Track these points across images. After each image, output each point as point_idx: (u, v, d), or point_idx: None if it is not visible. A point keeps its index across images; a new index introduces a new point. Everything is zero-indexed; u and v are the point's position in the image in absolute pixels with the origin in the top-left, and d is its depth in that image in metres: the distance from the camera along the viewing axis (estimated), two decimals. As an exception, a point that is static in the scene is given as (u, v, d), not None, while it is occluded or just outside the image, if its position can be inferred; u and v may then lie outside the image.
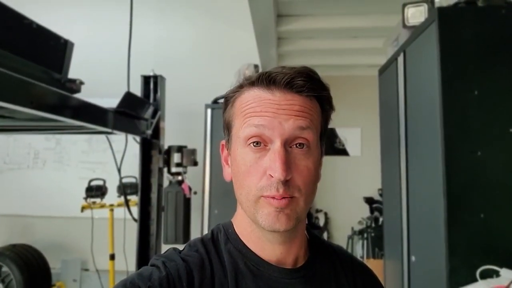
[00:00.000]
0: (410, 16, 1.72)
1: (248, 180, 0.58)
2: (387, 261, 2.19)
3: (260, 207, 0.57)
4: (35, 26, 1.39)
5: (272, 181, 0.55)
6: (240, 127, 0.59)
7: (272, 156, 0.56)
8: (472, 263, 1.27)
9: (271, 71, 0.59)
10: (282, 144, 0.56)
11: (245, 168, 0.58)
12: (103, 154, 3.69)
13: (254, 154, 0.57)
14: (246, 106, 0.59)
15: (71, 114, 1.54)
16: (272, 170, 0.55)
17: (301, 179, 0.57)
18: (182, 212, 2.87)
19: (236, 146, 0.60)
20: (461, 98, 1.36)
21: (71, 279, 3.74)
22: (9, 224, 3.90)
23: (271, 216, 0.56)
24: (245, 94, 0.61)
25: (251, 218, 0.60)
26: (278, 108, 0.57)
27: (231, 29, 3.68)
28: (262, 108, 0.57)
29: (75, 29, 2.61)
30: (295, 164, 0.57)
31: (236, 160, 0.60)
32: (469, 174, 1.34)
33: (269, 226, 0.57)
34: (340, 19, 3.15)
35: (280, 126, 0.56)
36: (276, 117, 0.56)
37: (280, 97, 0.58)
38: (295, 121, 0.57)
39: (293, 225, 0.57)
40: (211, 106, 2.99)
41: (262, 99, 0.58)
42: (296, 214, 0.57)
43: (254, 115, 0.58)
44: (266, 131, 0.56)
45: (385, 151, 2.22)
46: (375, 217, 4.13)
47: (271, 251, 0.62)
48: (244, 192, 0.59)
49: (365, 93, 4.06)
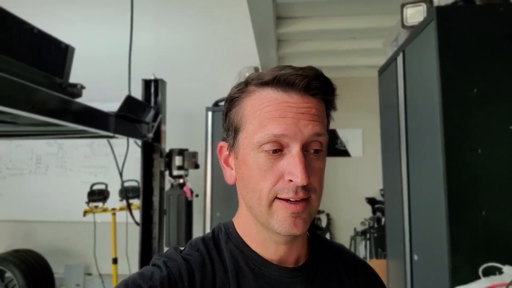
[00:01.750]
0: (409, 16, 1.73)
1: (261, 184, 0.56)
2: (389, 261, 2.18)
3: (274, 211, 0.57)
4: (36, 32, 1.40)
5: (290, 185, 0.55)
6: (255, 132, 0.57)
7: (292, 161, 0.55)
8: (475, 260, 1.27)
9: (283, 72, 0.57)
10: (301, 149, 0.56)
11: (259, 172, 0.57)
12: (105, 158, 3.70)
13: (269, 159, 0.56)
14: (261, 109, 0.57)
15: (73, 119, 1.55)
16: (292, 175, 0.54)
17: (316, 181, 0.57)
18: (184, 215, 2.87)
19: (247, 150, 0.58)
20: (461, 96, 1.36)
21: (74, 284, 3.74)
22: (12, 229, 3.91)
23: (288, 222, 0.56)
24: (257, 95, 0.58)
25: (263, 222, 0.59)
26: (297, 112, 0.55)
27: (231, 32, 3.69)
28: (281, 113, 0.55)
29: (76, 34, 2.62)
30: (311, 167, 0.57)
31: (248, 164, 0.58)
32: (470, 172, 1.34)
33: (286, 231, 0.56)
34: (339, 21, 3.16)
35: (300, 132, 0.55)
36: (296, 123, 0.55)
37: (298, 100, 0.56)
38: (313, 127, 0.56)
39: (307, 227, 0.58)
40: (211, 109, 3.00)
41: (280, 102, 0.56)
42: (310, 217, 0.58)
43: (273, 121, 0.55)
44: (286, 138, 0.55)
45: (386, 151, 2.22)
46: (377, 218, 4.12)
47: (274, 251, 0.62)
48: (256, 196, 0.57)
49: (365, 94, 4.06)
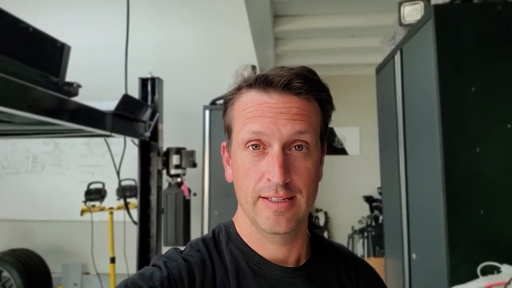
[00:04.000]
0: (407, 14, 1.73)
1: (246, 182, 0.58)
2: (388, 260, 2.19)
3: (258, 210, 0.57)
4: (31, 30, 1.39)
5: (270, 184, 0.55)
6: (239, 131, 0.59)
7: (270, 160, 0.55)
8: (473, 259, 1.27)
9: (268, 73, 0.58)
10: (280, 148, 0.56)
11: (244, 171, 0.58)
12: (102, 157, 3.69)
13: (253, 157, 0.57)
14: (244, 110, 0.59)
15: (69, 118, 1.53)
16: (270, 174, 0.55)
17: (301, 180, 0.57)
18: (182, 214, 2.86)
19: (235, 149, 0.60)
20: (459, 95, 1.36)
21: (72, 283, 3.73)
22: (9, 229, 3.89)
23: (271, 220, 0.56)
24: (244, 96, 0.60)
25: (250, 220, 0.60)
26: (276, 112, 0.56)
27: (228, 31, 3.68)
28: (261, 113, 0.57)
29: (72, 32, 2.61)
30: (294, 166, 0.56)
31: (236, 162, 0.60)
32: (468, 171, 1.34)
33: (269, 229, 0.57)
34: (337, 19, 3.16)
35: (278, 131, 0.56)
36: (274, 122, 0.56)
37: (278, 100, 0.57)
38: (293, 125, 0.56)
39: (294, 227, 0.57)
40: (209, 108, 2.99)
41: (260, 103, 0.57)
42: (296, 216, 0.57)
43: (252, 120, 0.57)
44: (265, 136, 0.56)
45: (383, 150, 2.22)
46: (375, 216, 4.14)
47: (273, 251, 0.62)
48: (243, 194, 0.59)
49: (363, 92, 4.07)
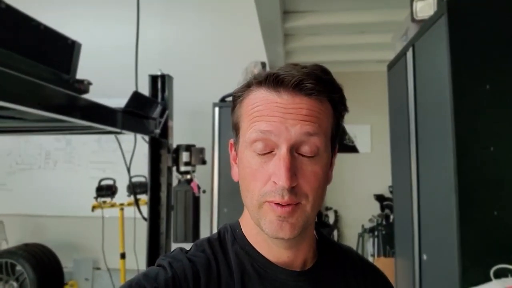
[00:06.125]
0: (419, 10, 1.69)
1: (252, 184, 0.56)
2: (398, 260, 2.16)
3: (263, 213, 0.56)
4: (42, 28, 1.40)
5: (276, 187, 0.54)
6: (246, 130, 0.57)
7: (277, 163, 0.54)
8: (486, 262, 1.24)
9: (279, 71, 0.56)
10: (288, 150, 0.54)
11: (250, 172, 0.57)
12: (113, 154, 3.72)
13: (260, 158, 0.56)
14: (253, 108, 0.57)
15: (80, 115, 1.55)
16: (276, 177, 0.54)
17: (308, 185, 0.55)
18: (191, 211, 2.88)
19: (242, 148, 0.59)
20: (472, 93, 1.33)
21: (83, 278, 3.79)
22: (21, 223, 3.96)
23: (274, 225, 0.55)
24: (253, 94, 0.58)
25: (255, 222, 0.59)
26: (285, 112, 0.54)
27: (237, 27, 3.67)
28: (269, 112, 0.55)
29: (82, 29, 2.62)
30: (301, 170, 0.55)
31: (243, 162, 0.59)
32: (481, 171, 1.31)
33: (272, 234, 0.55)
34: (347, 15, 3.12)
35: (286, 131, 0.54)
36: (283, 122, 0.54)
37: (288, 100, 0.55)
38: (302, 126, 0.54)
39: (298, 233, 0.56)
40: (218, 105, 2.99)
41: (269, 102, 0.56)
42: (301, 222, 0.56)
43: (261, 119, 0.55)
44: (272, 136, 0.54)
45: (395, 148, 2.19)
46: (385, 215, 4.09)
47: (278, 254, 0.61)
48: (249, 196, 0.58)
49: (374, 89, 4.02)
